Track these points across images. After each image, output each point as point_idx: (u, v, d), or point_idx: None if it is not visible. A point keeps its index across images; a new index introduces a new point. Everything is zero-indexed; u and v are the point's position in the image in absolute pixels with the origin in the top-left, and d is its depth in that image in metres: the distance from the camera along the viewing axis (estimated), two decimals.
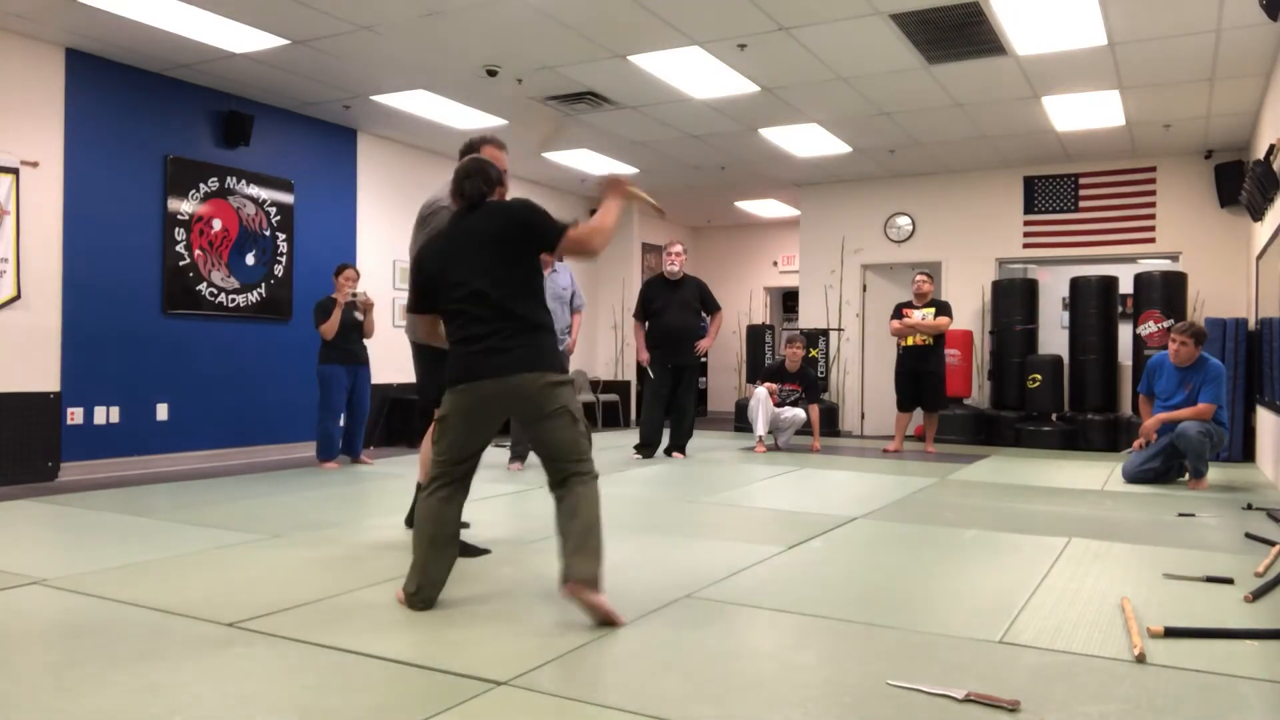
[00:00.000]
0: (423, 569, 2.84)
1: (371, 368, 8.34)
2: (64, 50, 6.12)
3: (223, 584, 3.19)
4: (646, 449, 7.31)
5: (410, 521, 4.09)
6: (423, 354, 3.76)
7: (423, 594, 2.85)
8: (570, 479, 2.80)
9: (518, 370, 2.74)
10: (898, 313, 7.89)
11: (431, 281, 2.90)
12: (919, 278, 7.94)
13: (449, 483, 2.86)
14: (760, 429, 8.01)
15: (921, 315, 7.77)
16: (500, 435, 6.51)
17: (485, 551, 3.66)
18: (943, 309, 7.79)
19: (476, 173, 2.96)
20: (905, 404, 7.98)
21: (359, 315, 6.76)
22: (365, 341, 6.88)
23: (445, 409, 2.83)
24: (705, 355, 7.50)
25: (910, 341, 7.80)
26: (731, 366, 12.88)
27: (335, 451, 6.71)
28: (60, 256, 6.10)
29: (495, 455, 6.90)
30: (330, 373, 6.61)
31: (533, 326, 2.81)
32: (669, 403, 7.38)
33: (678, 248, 7.42)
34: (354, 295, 6.68)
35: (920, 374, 7.79)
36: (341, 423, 6.82)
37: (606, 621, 2.66)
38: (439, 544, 2.85)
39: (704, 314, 7.51)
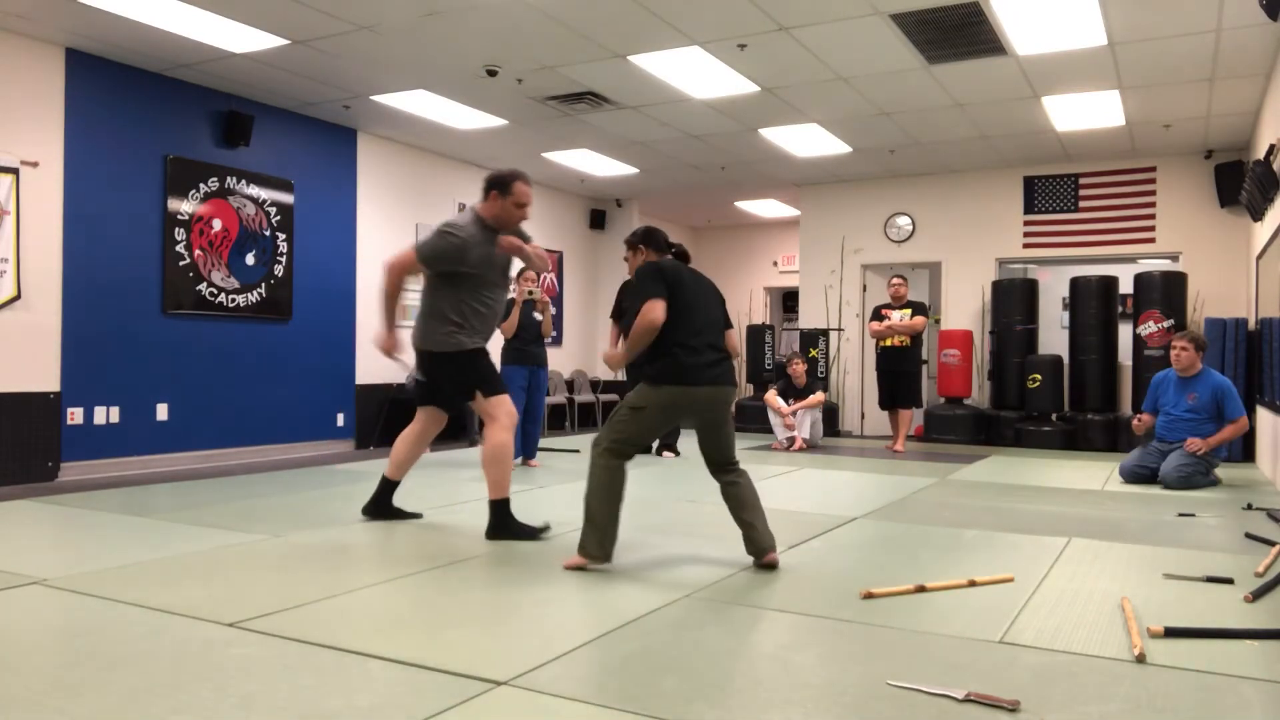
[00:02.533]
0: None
1: (369, 367, 8.38)
2: (64, 50, 6.12)
3: (223, 584, 3.18)
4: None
5: (370, 511, 4.43)
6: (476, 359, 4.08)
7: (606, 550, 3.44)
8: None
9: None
10: (877, 315, 8.26)
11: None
12: (894, 280, 8.28)
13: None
14: (780, 434, 8.34)
15: (899, 316, 8.10)
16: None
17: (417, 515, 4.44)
18: (918, 309, 8.17)
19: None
20: (885, 402, 8.36)
21: (537, 315, 6.65)
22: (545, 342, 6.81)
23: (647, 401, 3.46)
24: None
25: (889, 342, 8.15)
26: None
27: (514, 452, 6.64)
28: (60, 256, 6.10)
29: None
30: (508, 374, 6.49)
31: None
32: None
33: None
34: (531, 294, 6.54)
35: (897, 373, 8.14)
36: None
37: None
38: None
39: None
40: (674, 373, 3.43)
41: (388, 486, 4.40)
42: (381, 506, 4.40)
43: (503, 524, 4.02)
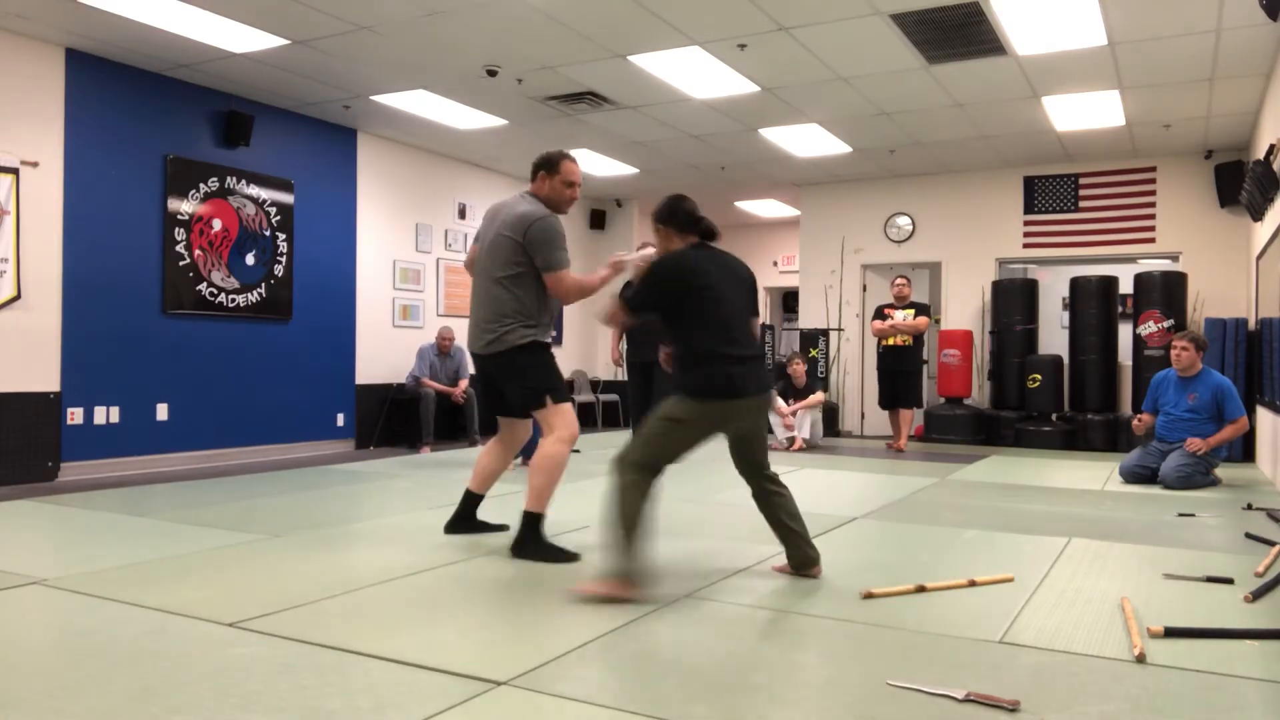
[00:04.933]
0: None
1: (369, 368, 8.38)
2: (64, 50, 6.12)
3: (223, 584, 3.19)
4: None
5: (449, 528, 4.07)
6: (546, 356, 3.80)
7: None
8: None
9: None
10: (879, 314, 8.30)
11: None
12: (898, 281, 8.34)
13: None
14: (779, 434, 8.31)
15: (902, 316, 8.15)
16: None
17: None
18: (922, 310, 8.23)
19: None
20: (886, 402, 8.39)
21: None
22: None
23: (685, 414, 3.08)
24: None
25: (890, 341, 8.19)
26: None
27: (518, 454, 6.62)
28: (60, 256, 6.10)
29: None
30: None
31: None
32: (647, 401, 7.39)
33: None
34: None
35: (898, 372, 8.19)
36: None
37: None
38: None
39: None
40: (721, 385, 3.07)
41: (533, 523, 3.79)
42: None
43: (532, 540, 3.61)
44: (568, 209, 3.87)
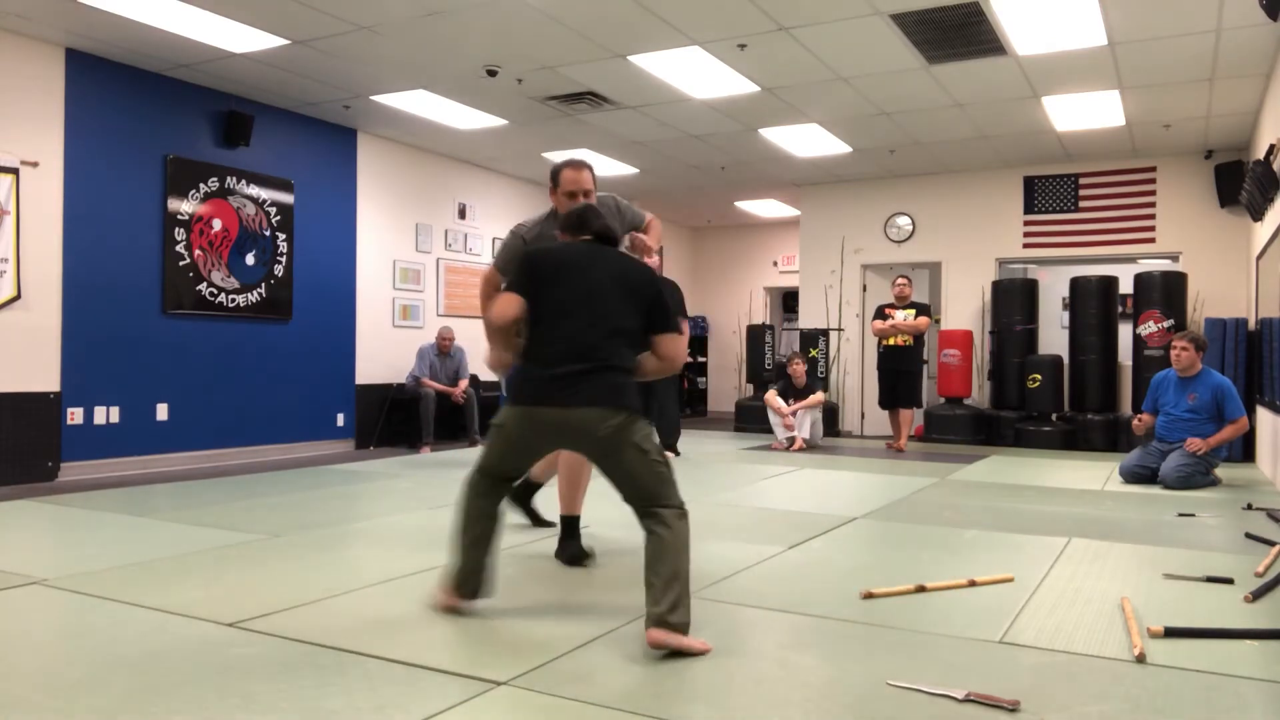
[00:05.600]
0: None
1: (369, 368, 8.38)
2: (64, 50, 6.12)
3: (223, 584, 3.19)
4: None
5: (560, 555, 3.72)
6: None
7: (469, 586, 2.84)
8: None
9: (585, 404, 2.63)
10: (880, 313, 8.31)
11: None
12: (899, 281, 8.36)
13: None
14: (780, 434, 8.33)
15: (903, 316, 8.18)
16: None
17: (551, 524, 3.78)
18: (922, 310, 8.25)
19: (604, 214, 3.02)
20: (886, 401, 8.40)
21: None
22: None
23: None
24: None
25: (891, 341, 8.21)
26: (731, 367, 12.88)
27: None
28: (60, 256, 6.10)
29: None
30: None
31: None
32: (647, 402, 7.38)
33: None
34: None
35: (899, 372, 8.20)
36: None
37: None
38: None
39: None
40: (517, 387, 2.71)
41: (568, 520, 3.76)
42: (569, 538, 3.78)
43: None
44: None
